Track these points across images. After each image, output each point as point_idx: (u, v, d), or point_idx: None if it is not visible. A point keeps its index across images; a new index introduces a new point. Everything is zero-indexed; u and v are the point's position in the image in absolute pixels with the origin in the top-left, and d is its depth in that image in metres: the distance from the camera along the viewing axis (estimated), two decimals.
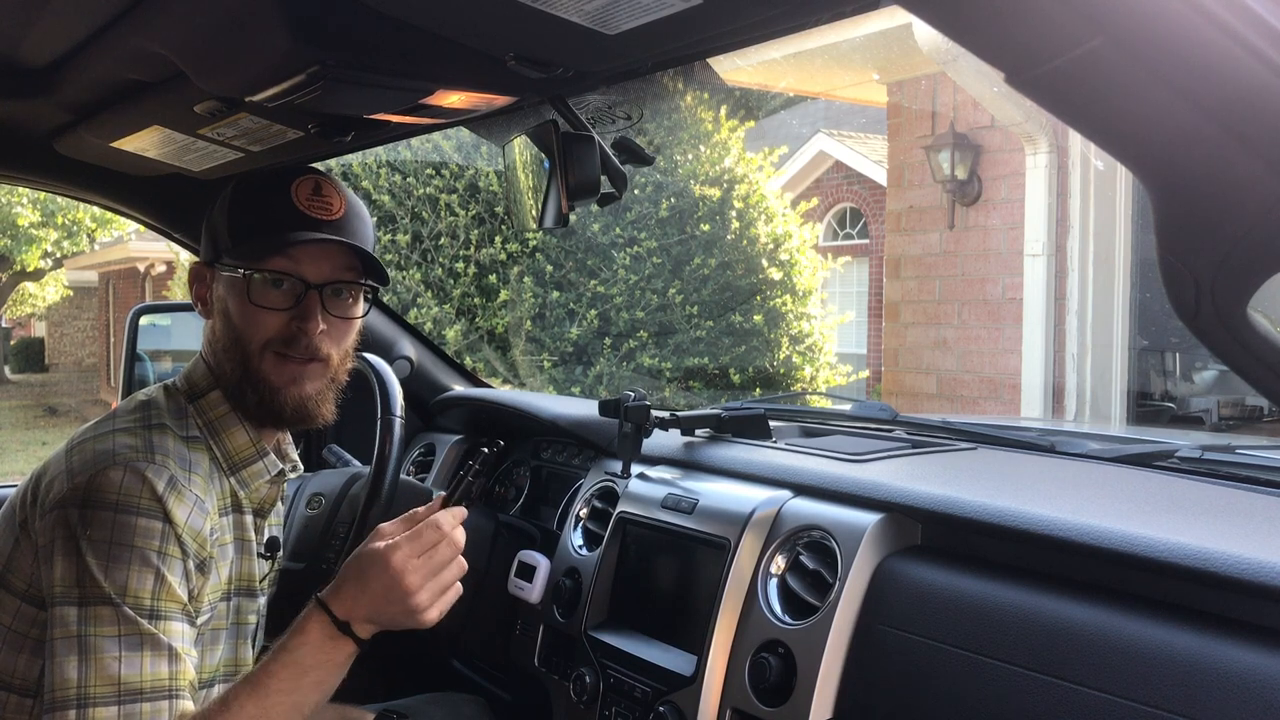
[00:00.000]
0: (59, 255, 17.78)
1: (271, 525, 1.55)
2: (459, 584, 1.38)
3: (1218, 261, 0.75)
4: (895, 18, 5.13)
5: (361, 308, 1.49)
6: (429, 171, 7.09)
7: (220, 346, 1.44)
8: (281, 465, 1.50)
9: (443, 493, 1.46)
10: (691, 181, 7.42)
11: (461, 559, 1.37)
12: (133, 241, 16.26)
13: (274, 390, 1.41)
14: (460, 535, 1.37)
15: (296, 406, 1.43)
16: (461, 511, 1.40)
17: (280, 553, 1.58)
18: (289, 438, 1.57)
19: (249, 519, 1.47)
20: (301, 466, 1.58)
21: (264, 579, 1.53)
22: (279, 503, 1.56)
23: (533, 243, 7.11)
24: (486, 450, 1.49)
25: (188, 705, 1.26)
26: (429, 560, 1.33)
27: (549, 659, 1.88)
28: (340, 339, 1.46)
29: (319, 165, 1.85)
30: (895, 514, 1.48)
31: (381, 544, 1.34)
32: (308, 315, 1.41)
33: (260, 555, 1.51)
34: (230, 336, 1.42)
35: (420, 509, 1.42)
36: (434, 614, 1.34)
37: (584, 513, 1.96)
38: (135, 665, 1.22)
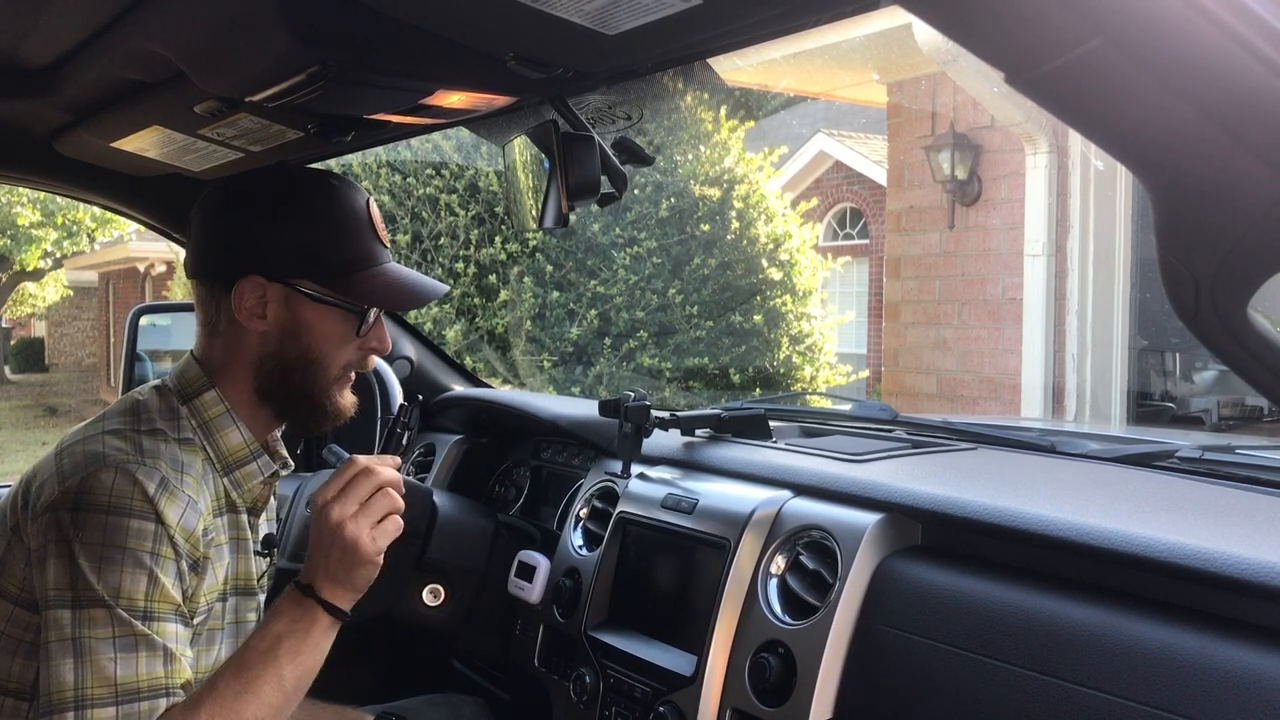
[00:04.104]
0: (59, 255, 17.78)
1: (265, 522, 1.56)
2: (398, 518, 1.40)
3: (1218, 261, 0.75)
4: (895, 18, 5.13)
5: None
6: (429, 171, 7.09)
7: (278, 363, 1.44)
8: (274, 465, 1.50)
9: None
10: (691, 181, 7.42)
11: (394, 494, 1.40)
12: (133, 241, 16.26)
13: (335, 402, 1.48)
14: (391, 474, 1.41)
15: (346, 411, 1.51)
16: (392, 458, 1.45)
17: (276, 549, 1.59)
18: (278, 435, 1.57)
19: (244, 518, 1.48)
20: (292, 464, 1.59)
21: (262, 577, 1.53)
22: (271, 499, 1.57)
23: (533, 243, 7.11)
24: (408, 404, 1.56)
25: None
26: (366, 509, 1.37)
27: (549, 659, 1.88)
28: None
29: (319, 165, 1.86)
30: (895, 514, 1.48)
31: (320, 503, 1.38)
32: (384, 338, 1.49)
33: (257, 553, 1.51)
34: (307, 359, 1.44)
35: (349, 463, 1.43)
36: (378, 547, 1.37)
37: (584, 513, 1.96)
38: (131, 666, 1.22)
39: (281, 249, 1.42)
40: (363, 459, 1.41)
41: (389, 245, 1.50)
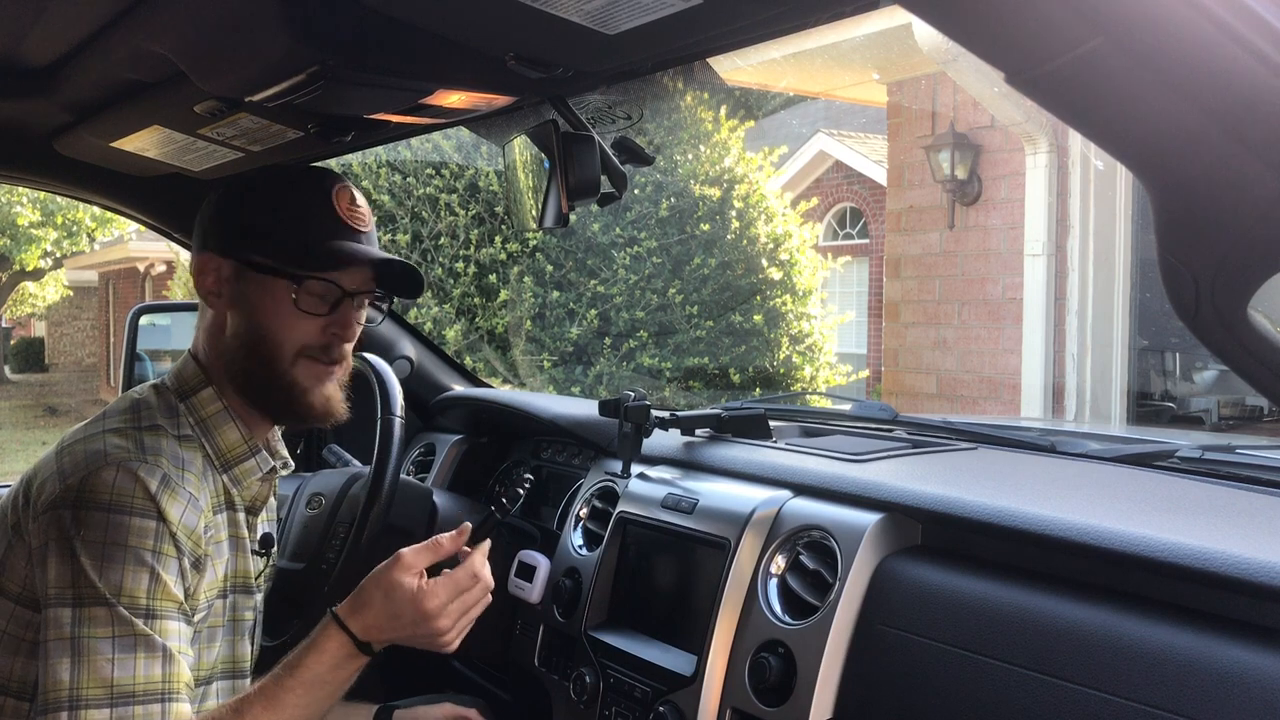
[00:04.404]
0: (59, 255, 17.77)
1: (264, 522, 1.56)
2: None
3: (1218, 261, 0.75)
4: (895, 18, 5.13)
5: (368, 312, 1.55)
6: (429, 171, 7.09)
7: (239, 343, 1.44)
8: (273, 462, 1.50)
9: (468, 524, 1.53)
10: (691, 181, 7.42)
11: (488, 587, 1.49)
12: (133, 241, 16.26)
13: (303, 391, 1.45)
14: (488, 571, 1.49)
15: (322, 406, 1.47)
16: (487, 545, 1.52)
17: (274, 549, 1.59)
18: (278, 435, 1.57)
19: (242, 516, 1.48)
20: (292, 463, 1.59)
21: (259, 575, 1.53)
22: (270, 499, 1.57)
23: (533, 243, 7.10)
24: (523, 489, 1.67)
25: (184, 708, 1.25)
26: (462, 603, 1.44)
27: (549, 659, 1.88)
28: (354, 341, 1.52)
29: (319, 165, 1.86)
30: (895, 514, 1.48)
31: (410, 579, 1.41)
32: (347, 324, 1.46)
33: (254, 552, 1.51)
34: (256, 336, 1.43)
35: (444, 537, 1.48)
36: (458, 642, 1.47)
37: (584, 513, 1.96)
38: (128, 667, 1.22)
39: (230, 224, 1.45)
40: (450, 542, 1.47)
41: (365, 230, 1.47)
